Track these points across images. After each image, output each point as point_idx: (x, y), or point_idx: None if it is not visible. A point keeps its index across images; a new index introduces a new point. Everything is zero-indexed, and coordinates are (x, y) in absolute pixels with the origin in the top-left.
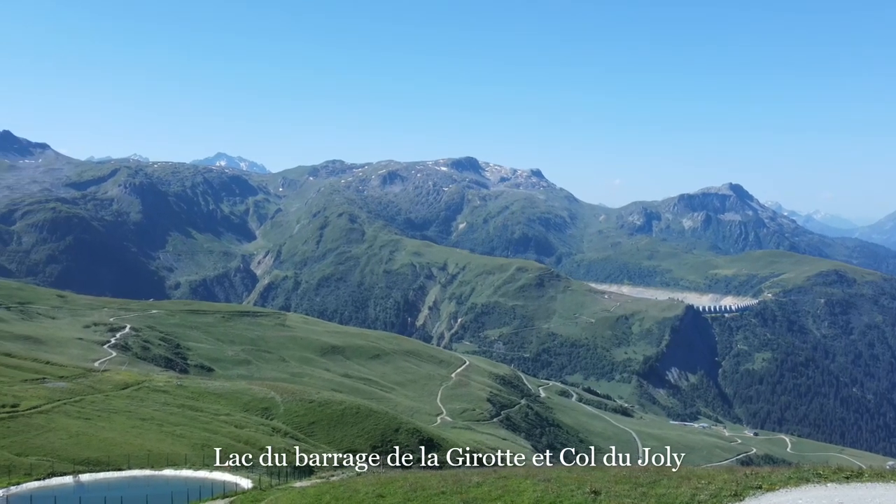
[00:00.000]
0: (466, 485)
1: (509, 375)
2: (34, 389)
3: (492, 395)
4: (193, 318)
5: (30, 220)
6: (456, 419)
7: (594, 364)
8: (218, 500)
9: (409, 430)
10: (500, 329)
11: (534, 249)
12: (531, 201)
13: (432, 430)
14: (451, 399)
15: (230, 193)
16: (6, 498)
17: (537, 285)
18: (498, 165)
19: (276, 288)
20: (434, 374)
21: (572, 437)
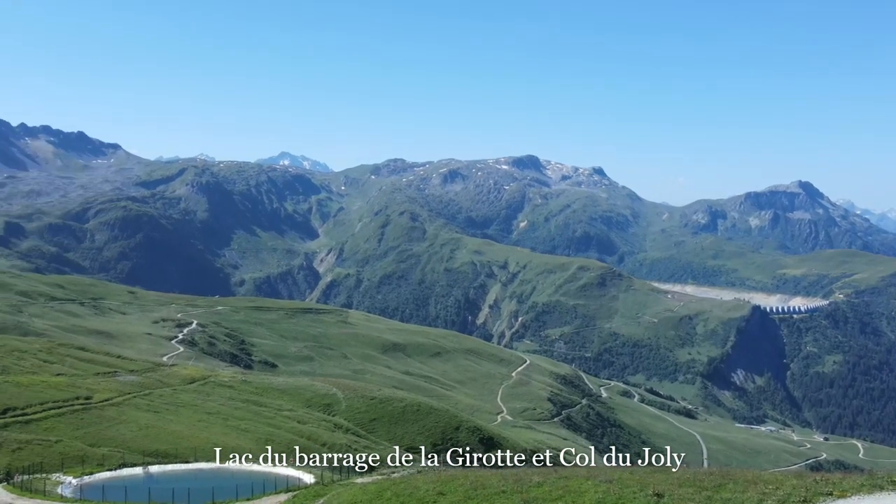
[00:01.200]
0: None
1: (570, 375)
2: (106, 382)
3: (552, 395)
4: (258, 315)
5: (102, 219)
6: (516, 418)
7: (657, 364)
8: (281, 493)
9: (470, 429)
10: (561, 328)
11: (595, 248)
12: (593, 200)
13: (493, 429)
14: (512, 398)
15: (293, 192)
16: (80, 487)
17: (599, 284)
18: (559, 164)
19: (339, 285)
20: (494, 373)
21: (634, 438)
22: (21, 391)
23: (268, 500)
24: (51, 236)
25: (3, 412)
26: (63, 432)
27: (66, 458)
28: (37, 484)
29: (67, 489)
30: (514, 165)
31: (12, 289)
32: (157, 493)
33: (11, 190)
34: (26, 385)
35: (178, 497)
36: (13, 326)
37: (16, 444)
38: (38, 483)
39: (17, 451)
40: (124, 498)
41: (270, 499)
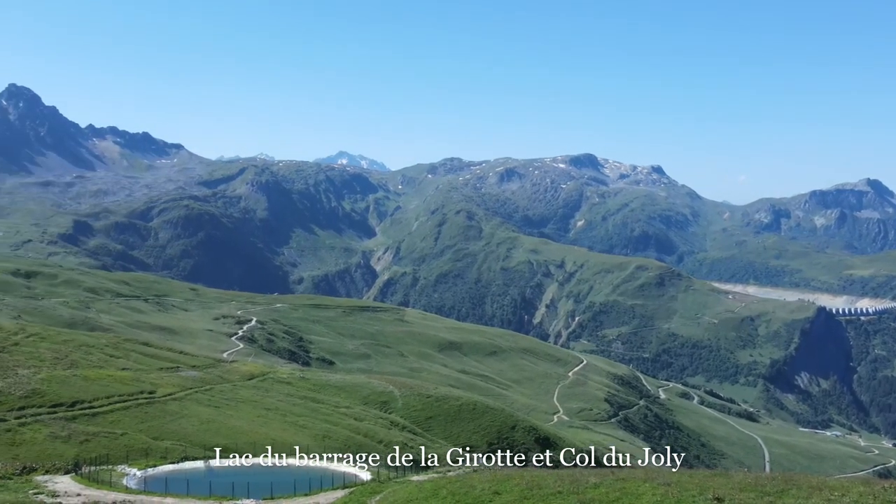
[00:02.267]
0: (583, 485)
1: (628, 376)
2: (169, 377)
3: (609, 395)
4: (316, 313)
5: (165, 217)
6: (573, 418)
7: (717, 366)
8: (338, 490)
9: (526, 428)
10: (618, 328)
11: (654, 248)
12: (651, 198)
13: (549, 429)
14: (568, 398)
15: (351, 191)
16: (144, 479)
17: (657, 284)
18: (617, 162)
19: (395, 284)
20: (551, 373)
21: (693, 440)
22: (88, 385)
23: (325, 496)
24: (117, 234)
25: (71, 405)
26: (128, 425)
27: (131, 451)
28: (103, 475)
29: (132, 481)
30: (571, 164)
31: (81, 285)
32: (217, 487)
33: (80, 189)
34: (93, 379)
35: (238, 491)
36: (81, 322)
37: (83, 436)
38: (105, 474)
39: (85, 443)
40: (186, 491)
41: (327, 495)
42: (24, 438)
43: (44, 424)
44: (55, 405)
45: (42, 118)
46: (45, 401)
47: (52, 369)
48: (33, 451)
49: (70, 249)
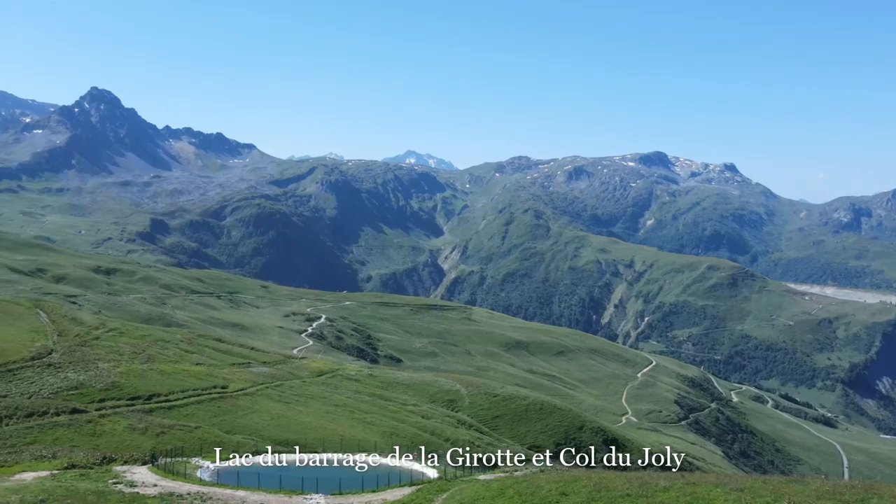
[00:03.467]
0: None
1: (699, 378)
2: (241, 373)
3: (680, 397)
4: (383, 311)
5: (238, 216)
6: (641, 420)
7: (792, 369)
8: (405, 487)
9: (594, 429)
10: (689, 329)
11: (726, 247)
12: (724, 197)
13: (617, 430)
14: (637, 399)
15: (419, 190)
16: (217, 471)
17: (730, 285)
18: (688, 160)
19: (463, 282)
20: (619, 373)
21: (767, 445)
22: (164, 379)
23: (391, 493)
24: (191, 232)
25: (148, 398)
26: (202, 419)
27: (205, 444)
28: (178, 467)
29: (206, 473)
30: (640, 162)
31: (157, 282)
32: (287, 482)
33: (157, 189)
34: (169, 373)
35: (307, 486)
36: (158, 317)
37: (159, 428)
38: (180, 466)
39: (161, 436)
40: (257, 484)
41: (394, 492)
42: (103, 429)
43: (122, 416)
44: (133, 398)
45: (122, 120)
46: (124, 394)
47: (130, 363)
48: (112, 441)
49: (147, 247)
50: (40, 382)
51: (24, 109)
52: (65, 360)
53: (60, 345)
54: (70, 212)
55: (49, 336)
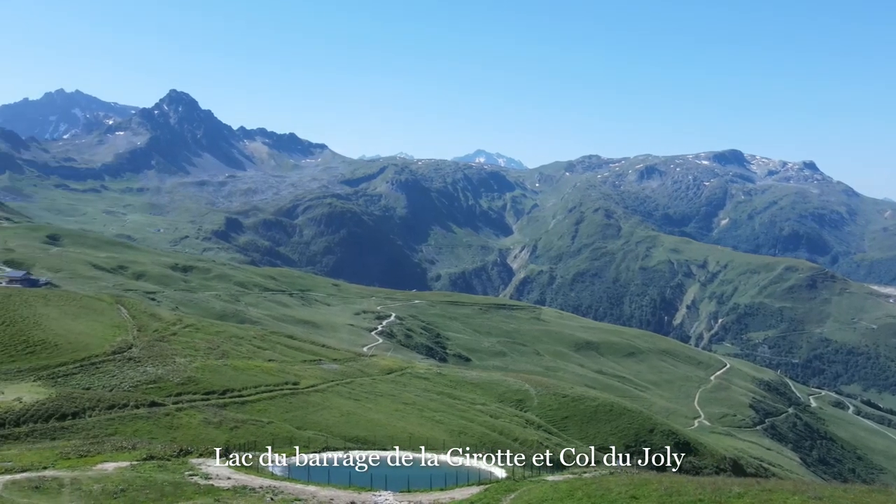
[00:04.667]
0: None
1: (775, 381)
2: (312, 370)
3: (755, 402)
4: (453, 310)
5: (310, 215)
6: (714, 424)
7: (876, 374)
8: (473, 486)
9: (665, 432)
10: (764, 331)
11: (805, 247)
12: (803, 196)
13: (689, 434)
14: (710, 402)
15: (488, 189)
16: (288, 466)
17: (808, 286)
18: (765, 158)
19: (532, 282)
20: (691, 376)
21: (848, 452)
22: (238, 374)
23: (460, 492)
24: (265, 231)
25: (222, 393)
26: (274, 414)
27: (276, 439)
28: (251, 461)
29: (277, 468)
30: (714, 160)
31: (231, 279)
32: (356, 478)
33: (231, 188)
34: (242, 369)
35: (376, 483)
36: (232, 314)
37: (233, 422)
38: (252, 460)
39: (235, 430)
40: (327, 480)
41: (462, 490)
42: (180, 422)
43: (198, 410)
44: (208, 392)
45: (199, 121)
46: (199, 388)
47: (205, 359)
48: (188, 434)
49: (222, 245)
50: (121, 376)
51: (108, 112)
52: (144, 355)
53: (140, 340)
54: (149, 211)
55: (129, 331)
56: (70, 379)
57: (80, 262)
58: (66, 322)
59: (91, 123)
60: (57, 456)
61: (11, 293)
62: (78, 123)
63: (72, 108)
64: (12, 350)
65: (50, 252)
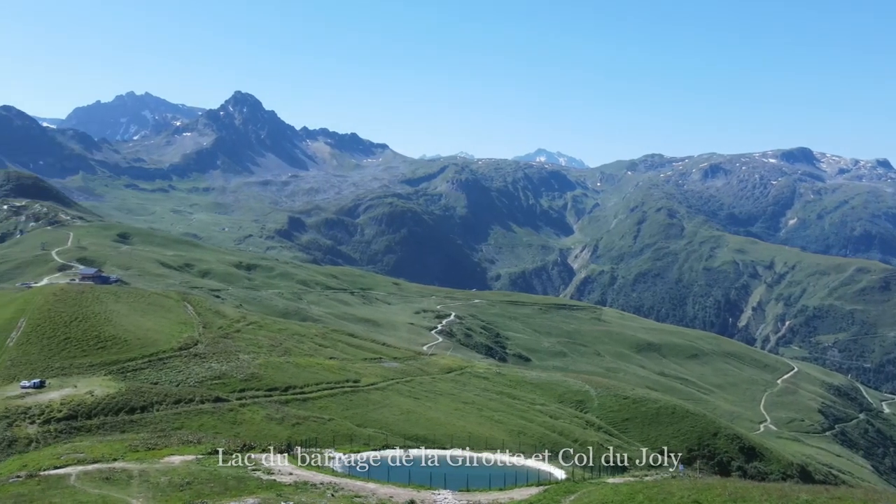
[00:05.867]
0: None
1: (846, 386)
2: (372, 368)
3: (824, 407)
4: (512, 309)
5: (371, 214)
6: (781, 429)
7: None
8: (532, 487)
9: (729, 436)
10: (834, 335)
11: (878, 248)
12: (876, 195)
13: (754, 438)
14: (776, 407)
15: (549, 188)
16: (348, 463)
17: (882, 288)
18: (835, 156)
19: (592, 282)
20: (757, 379)
21: None
22: (300, 371)
23: (519, 492)
24: (326, 230)
25: (284, 389)
26: (334, 411)
27: (337, 436)
28: (312, 457)
29: (338, 464)
30: (782, 159)
31: (294, 278)
32: (416, 476)
33: (294, 188)
34: (304, 366)
35: (436, 482)
36: (294, 312)
37: (295, 419)
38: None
39: (296, 426)
40: (387, 477)
41: (521, 491)
42: (244, 418)
43: (261, 406)
44: (271, 389)
45: (263, 122)
46: (262, 384)
47: (268, 356)
48: (251, 430)
49: (285, 244)
50: (187, 371)
51: (175, 113)
52: (209, 351)
53: (205, 336)
54: (215, 210)
55: (195, 328)
56: (139, 374)
57: (149, 260)
58: (136, 318)
59: (160, 125)
60: (126, 448)
61: (84, 290)
62: (147, 125)
63: (141, 109)
64: (85, 345)
65: (120, 250)
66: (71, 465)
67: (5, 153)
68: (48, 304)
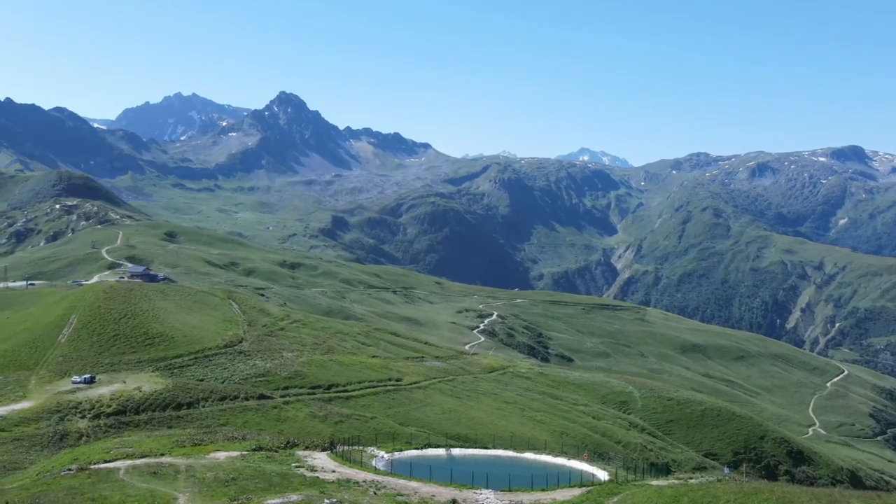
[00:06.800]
0: None
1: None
2: (414, 367)
3: (876, 411)
4: (555, 309)
5: (413, 214)
6: (831, 433)
7: None
8: (574, 488)
9: (777, 440)
10: (887, 337)
11: None
12: None
13: (803, 442)
14: (826, 410)
15: (592, 188)
16: (391, 461)
17: None
18: (889, 154)
19: (636, 282)
20: (806, 382)
21: None
22: (343, 370)
23: (561, 493)
24: (369, 229)
25: (328, 387)
26: (377, 410)
27: (380, 434)
28: (355, 455)
29: (380, 462)
30: (833, 157)
31: (337, 276)
32: (458, 475)
33: (338, 187)
34: (347, 364)
35: (478, 481)
36: (337, 310)
37: (338, 417)
38: (356, 454)
39: (339, 424)
40: (429, 476)
41: (564, 492)
42: (287, 415)
43: (304, 404)
44: (314, 387)
45: (307, 122)
46: (306, 382)
47: (311, 354)
48: (295, 427)
49: (328, 243)
50: (232, 369)
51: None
52: (254, 349)
53: (250, 334)
54: (259, 209)
55: (240, 325)
56: (185, 370)
57: (195, 259)
58: (182, 316)
59: (206, 125)
60: (173, 444)
61: (133, 287)
62: (194, 125)
63: (188, 110)
64: (133, 342)
65: (167, 249)
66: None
67: (58, 154)
68: (98, 302)
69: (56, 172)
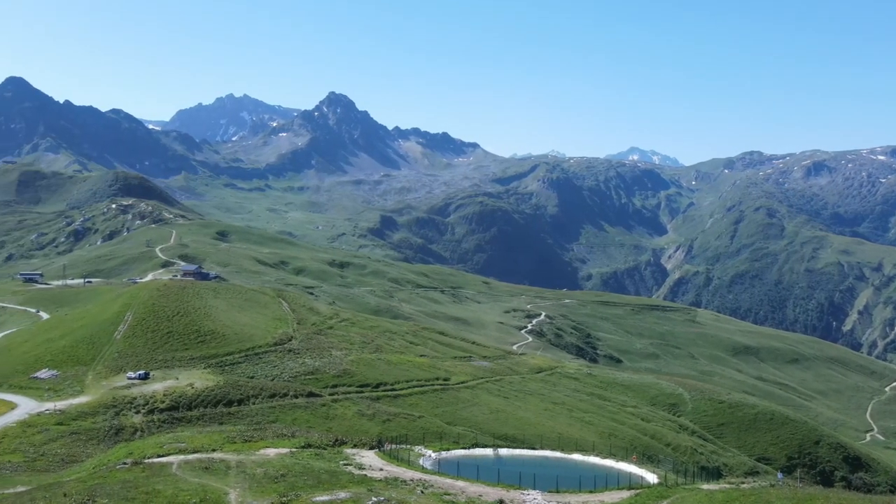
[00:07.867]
0: None
1: None
2: (462, 366)
3: None
4: (604, 310)
5: (461, 213)
6: (889, 438)
7: None
8: (623, 490)
9: (832, 445)
10: None
11: None
12: None
13: (860, 448)
14: (885, 415)
15: (642, 187)
16: (438, 461)
17: None
18: None
19: (687, 283)
20: (863, 386)
21: None
22: (391, 368)
23: (609, 495)
24: (417, 229)
25: (375, 386)
26: (424, 409)
27: (427, 433)
28: (402, 454)
29: (427, 461)
30: (892, 156)
31: (385, 276)
32: (505, 476)
33: (386, 187)
34: (395, 363)
35: (525, 481)
36: (385, 310)
37: (386, 415)
38: (403, 453)
39: (387, 422)
40: (476, 476)
41: (612, 494)
42: (336, 413)
43: (352, 402)
44: (362, 385)
45: (356, 122)
46: (354, 381)
47: (360, 352)
48: (343, 425)
49: (377, 242)
50: (282, 366)
51: (272, 115)
52: (303, 347)
53: (299, 332)
54: (309, 209)
55: (290, 324)
56: (236, 367)
57: (246, 258)
58: (233, 314)
59: (257, 126)
60: (224, 440)
61: (186, 285)
62: (245, 126)
63: (240, 111)
64: (186, 339)
65: (219, 247)
66: (173, 454)
67: (114, 154)
68: (152, 299)
69: (112, 173)
